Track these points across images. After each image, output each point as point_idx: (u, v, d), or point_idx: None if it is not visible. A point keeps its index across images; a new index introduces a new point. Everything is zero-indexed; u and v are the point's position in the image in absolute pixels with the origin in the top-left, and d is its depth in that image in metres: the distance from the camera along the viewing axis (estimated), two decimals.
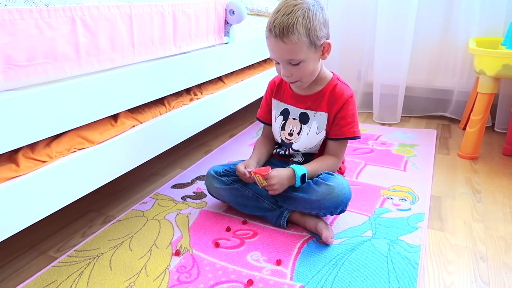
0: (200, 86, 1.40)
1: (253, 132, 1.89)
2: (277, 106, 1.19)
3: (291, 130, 1.14)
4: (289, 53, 0.98)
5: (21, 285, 0.90)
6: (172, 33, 1.15)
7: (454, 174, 1.45)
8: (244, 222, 1.12)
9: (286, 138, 1.16)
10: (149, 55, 1.08)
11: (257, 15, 1.66)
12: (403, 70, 1.98)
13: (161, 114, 1.17)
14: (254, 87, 1.68)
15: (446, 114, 2.08)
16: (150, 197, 1.29)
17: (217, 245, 1.02)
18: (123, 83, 1.00)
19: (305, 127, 1.12)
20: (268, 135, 1.25)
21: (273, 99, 1.21)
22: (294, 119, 1.14)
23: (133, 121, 1.07)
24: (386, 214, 1.16)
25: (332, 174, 1.06)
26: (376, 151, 1.65)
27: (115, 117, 1.03)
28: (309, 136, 1.12)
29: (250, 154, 1.21)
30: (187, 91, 1.34)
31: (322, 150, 1.15)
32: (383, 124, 2.02)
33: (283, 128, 1.16)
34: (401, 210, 1.18)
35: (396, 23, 1.96)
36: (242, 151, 1.65)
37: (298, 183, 1.04)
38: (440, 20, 1.95)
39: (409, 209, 1.19)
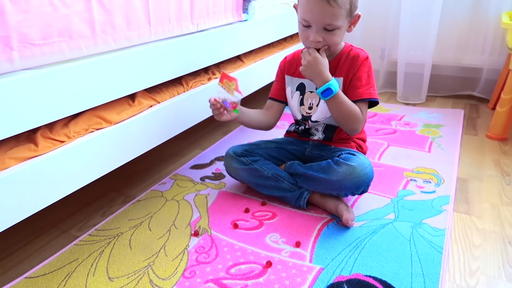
0: (218, 65, 1.37)
1: None
2: (291, 82, 1.16)
3: (310, 103, 1.12)
4: (331, 16, 0.95)
5: (44, 262, 0.91)
6: (189, 10, 1.12)
7: (482, 155, 1.39)
8: (263, 204, 1.11)
9: (306, 113, 1.14)
10: (166, 33, 1.06)
11: None
12: (429, 47, 1.89)
13: (178, 94, 1.15)
14: (274, 66, 1.63)
15: (474, 93, 1.99)
16: (169, 177, 1.29)
17: (235, 226, 1.01)
18: (140, 62, 0.98)
19: None
20: (268, 109, 1.20)
21: (286, 75, 1.18)
22: (311, 92, 1.12)
23: (150, 101, 1.06)
24: (409, 196, 1.13)
25: (354, 154, 1.03)
26: (400, 131, 1.59)
27: (132, 97, 1.02)
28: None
29: (268, 137, 1.21)
30: (205, 70, 1.32)
31: None
32: (407, 104, 1.95)
33: (301, 103, 1.14)
34: (425, 192, 1.14)
35: None
36: (261, 132, 1.62)
37: (334, 85, 0.98)
38: None
39: (434, 191, 1.15)
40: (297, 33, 1.98)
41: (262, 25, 1.51)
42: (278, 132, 1.59)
